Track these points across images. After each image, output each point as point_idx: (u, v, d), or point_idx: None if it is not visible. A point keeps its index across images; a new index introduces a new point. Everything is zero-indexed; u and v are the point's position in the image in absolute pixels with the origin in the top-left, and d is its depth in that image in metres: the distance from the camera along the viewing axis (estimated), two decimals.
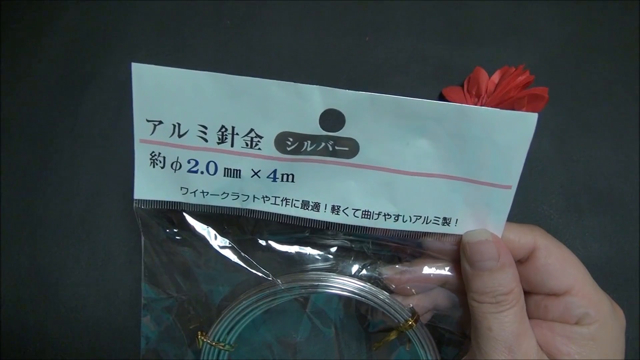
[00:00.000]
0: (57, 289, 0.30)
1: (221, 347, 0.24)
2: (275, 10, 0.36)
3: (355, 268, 0.26)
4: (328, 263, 0.26)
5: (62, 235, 0.31)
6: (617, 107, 0.35)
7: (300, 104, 0.20)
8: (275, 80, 0.20)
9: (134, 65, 0.20)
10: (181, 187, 0.22)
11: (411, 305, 0.25)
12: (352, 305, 0.27)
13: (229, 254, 0.25)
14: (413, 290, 0.25)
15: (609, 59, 0.36)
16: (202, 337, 0.24)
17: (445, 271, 0.25)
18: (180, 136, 0.21)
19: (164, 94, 0.20)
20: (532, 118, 0.20)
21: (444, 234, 0.23)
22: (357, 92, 0.20)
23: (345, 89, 0.20)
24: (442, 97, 0.34)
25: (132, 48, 0.35)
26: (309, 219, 0.23)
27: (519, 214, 0.32)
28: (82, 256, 0.31)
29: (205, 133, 0.21)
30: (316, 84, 0.20)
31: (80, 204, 0.32)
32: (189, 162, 0.22)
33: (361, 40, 0.36)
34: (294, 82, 0.20)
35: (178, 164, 0.22)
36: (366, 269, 0.26)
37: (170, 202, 0.22)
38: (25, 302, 0.30)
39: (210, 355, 0.25)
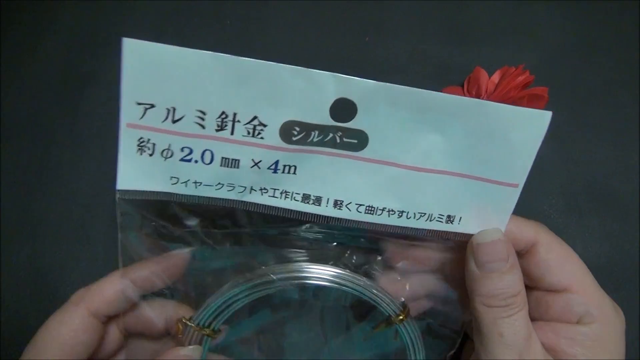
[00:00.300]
0: (57, 289, 0.30)
1: (205, 333, 0.23)
2: (275, 10, 0.36)
3: (348, 260, 0.25)
4: (321, 254, 0.25)
5: (62, 235, 0.31)
6: (617, 107, 0.35)
7: (311, 91, 0.19)
8: (285, 65, 0.18)
9: (125, 40, 0.18)
10: (171, 177, 0.21)
11: (402, 299, 0.25)
12: (340, 296, 0.26)
13: (219, 247, 0.24)
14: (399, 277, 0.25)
15: (609, 59, 0.36)
16: (186, 321, 0.23)
17: (447, 253, 0.24)
18: (174, 122, 0.19)
19: (159, 75, 0.18)
20: (546, 116, 0.20)
21: (447, 231, 0.23)
22: (373, 81, 0.19)
23: None
24: None
25: None
26: (309, 213, 0.22)
27: (519, 214, 0.32)
28: (82, 256, 0.31)
29: (203, 119, 0.19)
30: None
31: (80, 204, 0.32)
32: (182, 150, 0.20)
33: (361, 40, 0.36)
34: None
35: (169, 151, 0.20)
36: (359, 261, 0.25)
37: (157, 192, 0.21)
38: (25, 302, 0.30)
39: (193, 343, 0.24)
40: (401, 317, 0.24)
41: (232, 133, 0.20)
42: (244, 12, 0.36)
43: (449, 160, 0.21)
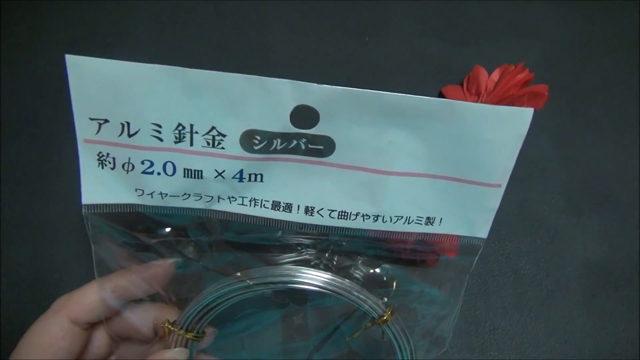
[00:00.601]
0: (57, 289, 0.30)
1: (188, 337, 0.23)
2: (275, 10, 0.36)
3: (329, 262, 0.25)
4: (302, 257, 0.25)
5: (62, 235, 0.31)
6: (617, 107, 0.35)
7: (268, 99, 0.18)
8: (237, 74, 0.18)
9: (68, 57, 0.17)
10: (136, 189, 0.20)
11: (385, 299, 0.25)
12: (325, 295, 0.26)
13: (194, 256, 0.24)
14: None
15: (609, 58, 0.36)
16: (169, 325, 0.23)
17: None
18: (130, 136, 0.19)
19: (108, 90, 0.18)
20: (527, 113, 0.19)
21: (427, 233, 0.22)
22: (332, 87, 0.18)
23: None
24: (441, 96, 0.34)
25: (132, 48, 0.35)
26: (281, 220, 0.21)
27: (519, 214, 0.32)
28: (82, 256, 0.31)
29: (159, 132, 0.19)
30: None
31: (80, 204, 0.32)
32: (142, 163, 0.20)
33: (361, 40, 0.36)
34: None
35: (130, 165, 0.20)
36: (341, 263, 0.25)
37: (124, 204, 0.21)
38: (25, 302, 0.30)
39: (179, 346, 0.24)
40: (385, 318, 0.24)
41: (191, 144, 0.19)
42: (244, 12, 0.36)
43: (424, 163, 0.20)
